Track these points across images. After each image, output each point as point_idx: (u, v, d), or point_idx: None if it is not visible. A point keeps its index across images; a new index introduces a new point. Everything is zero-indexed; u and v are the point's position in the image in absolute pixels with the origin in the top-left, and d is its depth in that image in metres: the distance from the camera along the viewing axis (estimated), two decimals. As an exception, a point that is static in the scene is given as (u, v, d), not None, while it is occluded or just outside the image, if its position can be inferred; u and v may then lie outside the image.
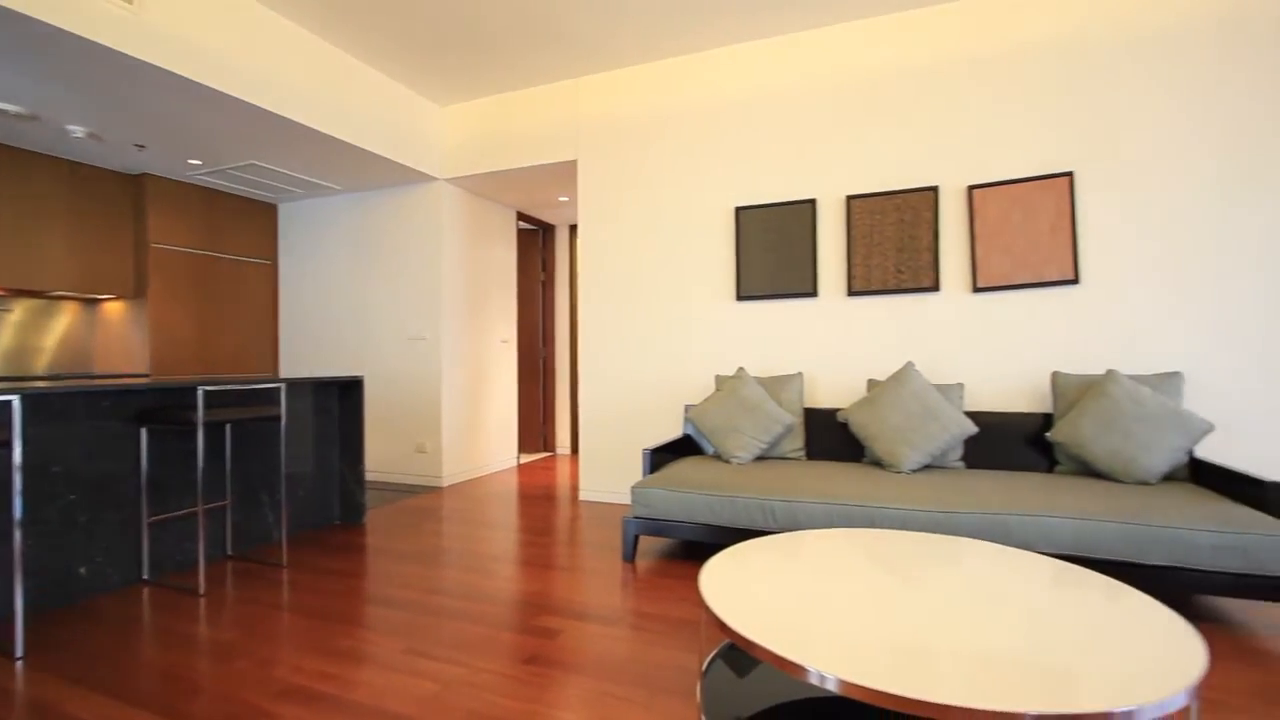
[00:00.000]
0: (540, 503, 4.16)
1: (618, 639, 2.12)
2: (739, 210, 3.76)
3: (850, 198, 3.51)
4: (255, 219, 5.22)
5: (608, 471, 4.16)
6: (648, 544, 3.24)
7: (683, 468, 3.07)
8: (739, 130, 3.81)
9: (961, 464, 3.06)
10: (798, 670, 1.18)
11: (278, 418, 2.93)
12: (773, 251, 3.68)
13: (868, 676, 1.13)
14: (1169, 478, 2.70)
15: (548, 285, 6.30)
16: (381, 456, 4.93)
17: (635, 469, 4.08)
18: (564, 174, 4.61)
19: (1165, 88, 3.01)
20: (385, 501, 4.21)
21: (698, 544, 3.23)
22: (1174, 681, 1.11)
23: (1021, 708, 1.04)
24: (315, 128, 3.71)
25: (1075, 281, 3.10)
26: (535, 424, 6.25)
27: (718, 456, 3.36)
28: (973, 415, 3.14)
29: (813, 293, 3.59)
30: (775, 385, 3.42)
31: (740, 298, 3.75)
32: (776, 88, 3.72)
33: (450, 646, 2.07)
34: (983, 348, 3.29)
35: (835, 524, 2.55)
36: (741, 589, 1.54)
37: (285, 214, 5.36)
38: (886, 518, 2.49)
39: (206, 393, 2.98)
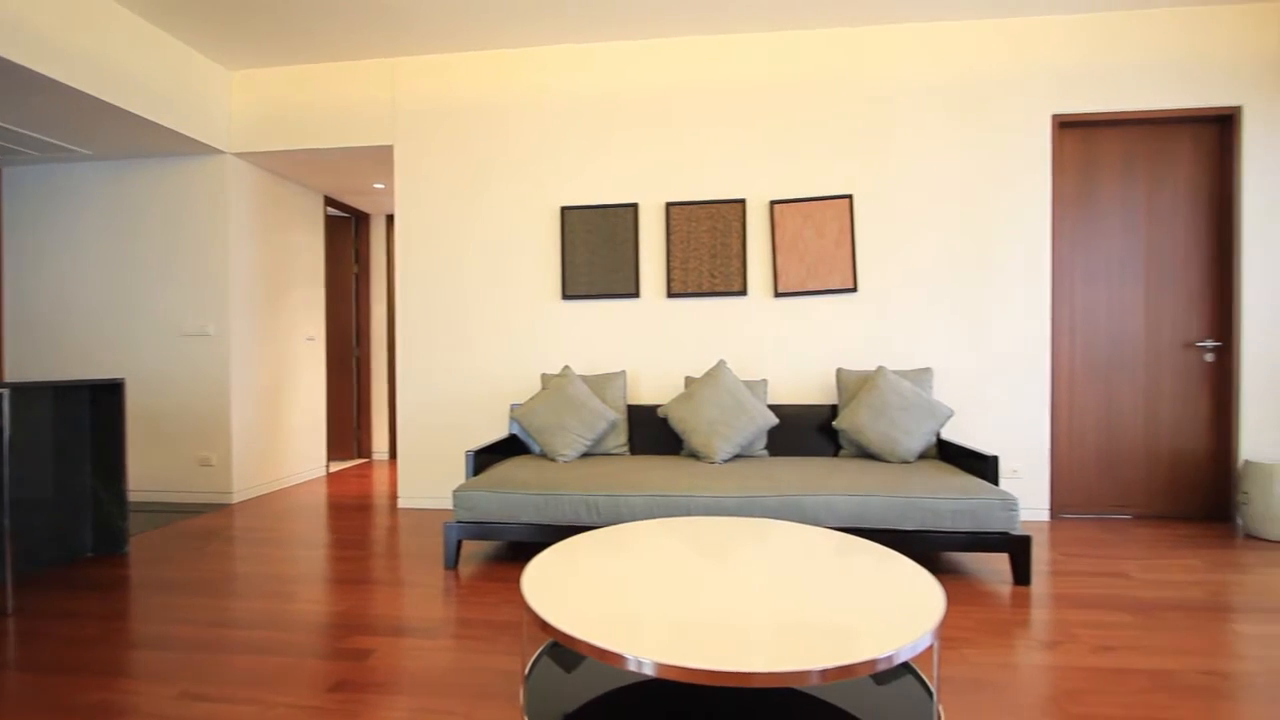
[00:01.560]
0: (353, 514, 3.84)
1: (437, 651, 2.04)
2: (565, 210, 3.78)
3: (670, 204, 3.70)
4: (-36, 184, 4.17)
5: (429, 476, 3.96)
6: (472, 549, 3.15)
7: (508, 468, 3.03)
8: (567, 130, 3.83)
9: (766, 452, 3.37)
10: (616, 659, 1.23)
11: (-2, 432, 2.38)
12: (597, 252, 3.76)
13: (680, 656, 1.21)
14: (923, 456, 3.23)
15: (362, 278, 5.83)
16: (153, 473, 4.22)
17: (458, 472, 3.94)
18: (379, 159, 4.29)
19: (926, 133, 3.58)
20: (157, 525, 3.61)
21: (524, 545, 3.21)
22: (921, 626, 1.33)
23: (809, 665, 1.18)
24: (51, 75, 3.05)
25: (854, 290, 3.58)
26: (348, 428, 5.75)
27: (544, 455, 3.36)
28: (775, 408, 3.48)
29: (635, 294, 3.73)
30: (600, 383, 3.50)
31: (566, 297, 3.78)
32: (605, 91, 3.80)
33: (238, 684, 1.84)
34: (783, 347, 3.66)
35: (656, 515, 2.68)
36: (564, 585, 1.56)
37: (14, 181, 4.35)
38: (701, 505, 2.67)
39: (-115, 403, 2.32)
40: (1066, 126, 3.58)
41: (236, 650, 2.05)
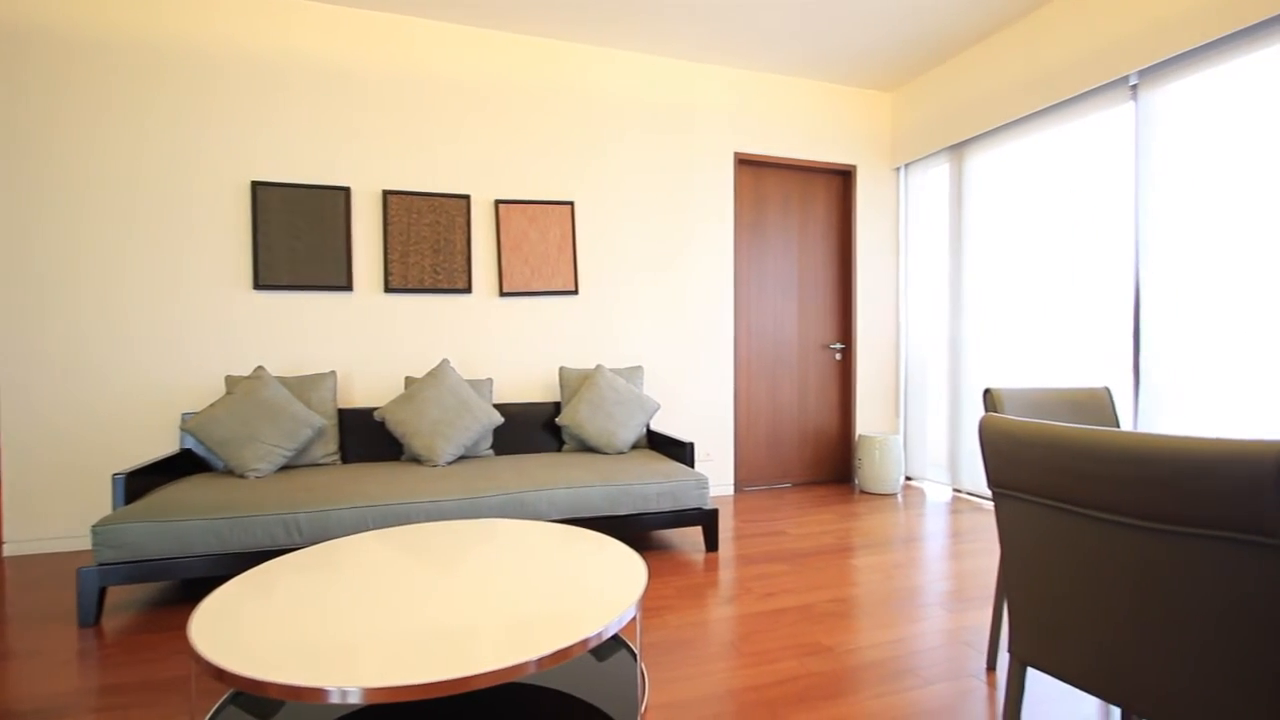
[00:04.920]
0: (-82, 573, 2.78)
1: (67, 733, 1.60)
2: (257, 185, 3.26)
3: (387, 192, 3.45)
4: None
5: (58, 511, 3.06)
6: (125, 596, 2.53)
7: (178, 491, 2.51)
8: (263, 92, 3.30)
9: (491, 451, 3.37)
10: (316, 695, 1.11)
11: None
12: (301, 238, 3.33)
13: (392, 676, 1.15)
14: (635, 446, 3.56)
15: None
16: None
17: (104, 502, 3.13)
18: (-36, 89, 3.17)
19: (637, 152, 3.94)
20: None
21: (204, 581, 2.69)
22: (626, 602, 1.47)
23: (526, 656, 1.22)
24: None
25: (575, 292, 3.78)
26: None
27: (231, 471, 2.87)
28: (501, 407, 3.50)
29: (347, 286, 3.40)
30: (304, 385, 3.11)
31: (259, 286, 3.27)
32: (315, 56, 3.36)
33: None
34: (509, 346, 3.69)
35: (370, 527, 2.49)
36: (250, 621, 1.35)
37: None
38: (422, 512, 2.55)
39: None
40: (744, 163, 4.28)
41: None
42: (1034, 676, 1.86)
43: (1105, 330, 3.23)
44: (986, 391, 1.83)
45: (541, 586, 1.56)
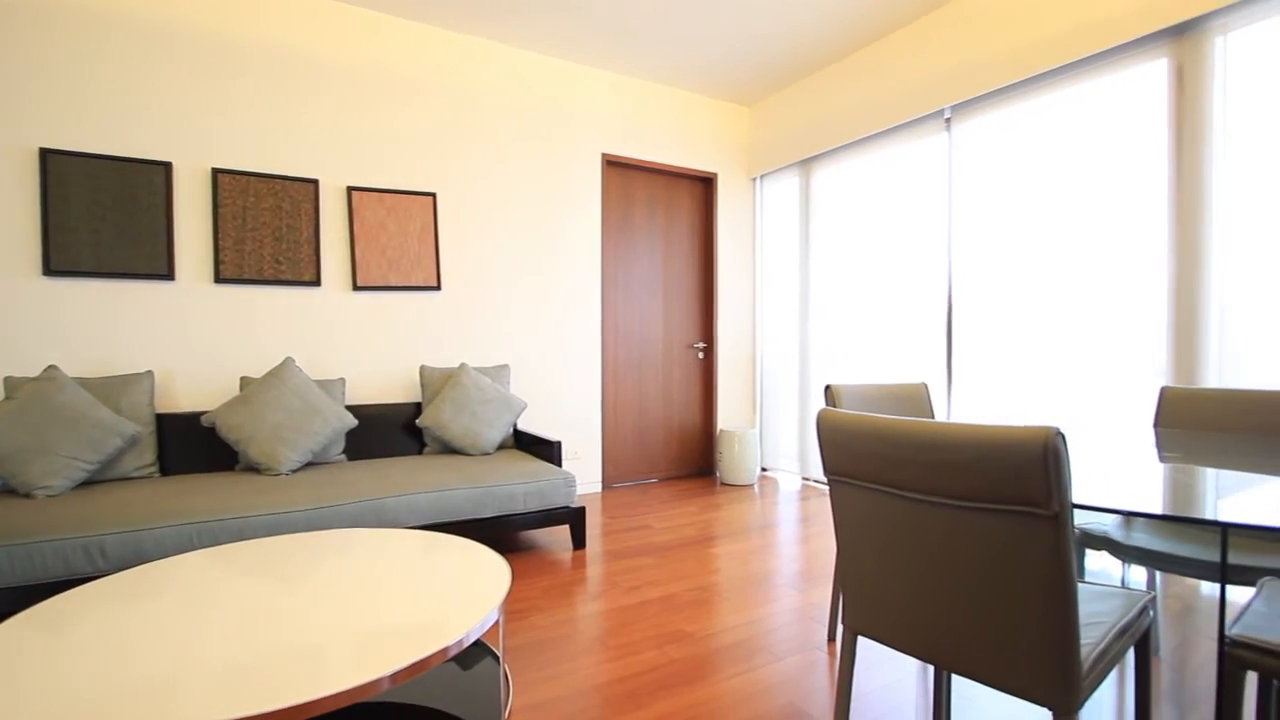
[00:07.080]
0: None
1: None
2: (48, 153, 2.79)
3: (218, 171, 3.09)
4: None
5: None
6: None
7: (-64, 517, 2.08)
8: (57, 43, 2.81)
9: (344, 457, 3.14)
10: (122, 739, 0.98)
11: None
12: (108, 218, 2.89)
13: (220, 710, 1.04)
14: (502, 447, 3.49)
15: None
16: None
17: None
18: None
19: (506, 145, 3.85)
20: None
21: (-29, 621, 2.26)
22: (487, 606, 1.44)
23: (384, 671, 1.15)
24: None
25: (438, 288, 3.63)
26: None
27: (14, 491, 2.43)
28: (354, 409, 3.27)
29: (168, 275, 3.00)
30: (112, 387, 2.71)
31: (50, 272, 2.80)
32: (123, 4, 2.92)
33: None
34: (364, 343, 3.46)
35: (196, 546, 2.22)
36: (32, 666, 1.16)
37: None
38: (262, 525, 2.32)
39: None
40: (612, 165, 4.34)
41: None
42: (865, 644, 2.07)
43: (927, 332, 3.66)
44: (827, 388, 2.00)
45: (397, 597, 1.49)
